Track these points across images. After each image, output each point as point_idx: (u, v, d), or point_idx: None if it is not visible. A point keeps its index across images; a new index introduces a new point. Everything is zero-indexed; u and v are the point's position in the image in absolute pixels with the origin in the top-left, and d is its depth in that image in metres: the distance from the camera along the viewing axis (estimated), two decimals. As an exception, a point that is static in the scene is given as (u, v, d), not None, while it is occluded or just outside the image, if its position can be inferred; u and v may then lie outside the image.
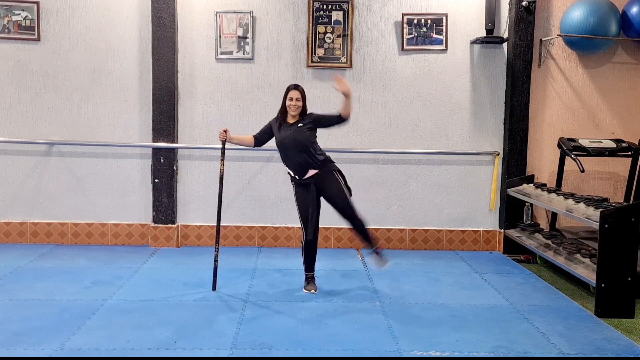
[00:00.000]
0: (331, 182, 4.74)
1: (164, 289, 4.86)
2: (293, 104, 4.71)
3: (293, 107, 4.72)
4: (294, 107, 4.72)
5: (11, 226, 6.24)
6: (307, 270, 4.96)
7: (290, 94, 4.73)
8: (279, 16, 6.21)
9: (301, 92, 4.75)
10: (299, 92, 4.73)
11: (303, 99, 4.75)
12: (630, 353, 3.83)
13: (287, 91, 4.77)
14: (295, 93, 4.72)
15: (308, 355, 3.68)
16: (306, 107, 4.80)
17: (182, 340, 3.85)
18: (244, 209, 6.34)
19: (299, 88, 4.76)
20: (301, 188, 4.78)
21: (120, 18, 6.16)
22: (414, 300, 4.76)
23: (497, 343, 3.92)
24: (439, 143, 6.35)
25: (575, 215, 4.93)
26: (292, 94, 4.72)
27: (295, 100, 4.71)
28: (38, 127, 6.20)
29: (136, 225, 6.30)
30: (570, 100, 6.37)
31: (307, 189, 4.75)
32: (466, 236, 6.42)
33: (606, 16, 5.98)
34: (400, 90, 6.30)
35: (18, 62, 6.15)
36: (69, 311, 4.31)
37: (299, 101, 4.72)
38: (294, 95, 4.72)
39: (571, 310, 4.61)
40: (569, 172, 6.24)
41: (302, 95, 4.75)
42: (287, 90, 4.78)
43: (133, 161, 6.27)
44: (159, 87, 6.11)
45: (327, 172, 4.75)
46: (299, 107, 4.73)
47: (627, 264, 4.43)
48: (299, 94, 4.73)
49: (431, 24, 6.23)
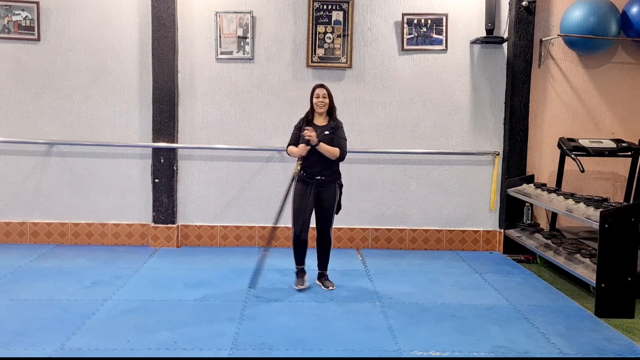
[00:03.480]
0: (330, 193, 4.86)
1: (164, 289, 4.86)
2: (320, 101, 4.83)
3: (320, 104, 4.83)
4: (322, 103, 4.84)
5: (11, 226, 6.24)
6: (296, 263, 5.05)
7: (316, 91, 4.86)
8: (279, 16, 6.21)
9: (327, 90, 4.87)
10: (325, 90, 4.87)
11: (330, 97, 4.87)
12: (630, 353, 3.83)
13: (313, 90, 4.89)
14: (322, 90, 4.85)
15: (308, 355, 3.68)
16: (334, 104, 4.92)
17: (182, 340, 3.85)
18: (244, 209, 6.34)
19: (324, 86, 4.90)
20: (302, 185, 4.84)
21: (120, 18, 6.16)
22: (414, 300, 4.76)
23: (497, 343, 3.92)
24: (439, 143, 6.35)
25: (575, 215, 4.93)
26: (319, 91, 4.85)
27: (322, 97, 4.83)
28: (38, 127, 6.20)
29: (136, 225, 6.30)
30: (570, 100, 6.37)
31: (307, 188, 4.81)
32: (466, 236, 6.42)
33: (606, 16, 5.98)
34: (400, 90, 6.30)
35: (18, 62, 6.15)
36: (69, 311, 4.31)
37: (325, 98, 4.84)
38: (321, 92, 4.84)
39: (571, 310, 4.61)
40: (569, 172, 6.24)
41: (329, 93, 4.87)
42: (313, 90, 4.91)
43: (133, 161, 6.27)
44: (159, 87, 6.11)
45: (331, 183, 4.86)
46: (326, 103, 4.85)
47: (627, 264, 4.43)
48: (325, 91, 4.86)
49: (431, 24, 6.23)
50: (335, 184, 4.88)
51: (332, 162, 4.82)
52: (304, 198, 4.81)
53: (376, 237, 6.38)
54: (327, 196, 4.84)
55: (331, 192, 4.85)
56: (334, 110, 4.92)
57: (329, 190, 4.84)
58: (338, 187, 4.91)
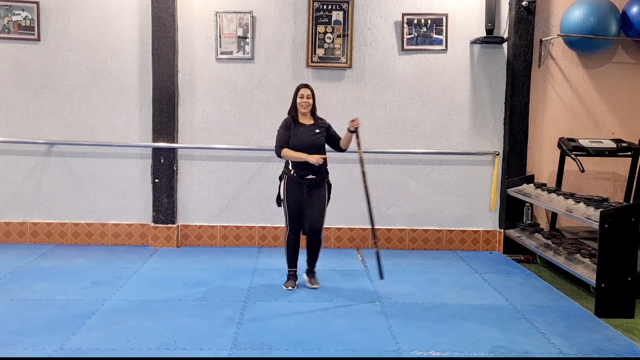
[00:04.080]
0: (320, 191, 4.88)
1: (164, 289, 4.86)
2: (304, 101, 4.85)
3: (304, 104, 4.85)
4: (305, 104, 4.85)
5: (11, 226, 6.24)
6: (289, 265, 5.06)
7: (300, 91, 4.87)
8: (279, 16, 6.21)
9: (311, 90, 4.90)
10: (309, 90, 4.89)
11: (313, 97, 4.90)
12: (630, 353, 3.83)
13: (297, 90, 4.91)
14: (306, 91, 4.87)
15: (308, 355, 3.68)
16: (315, 106, 4.95)
17: (182, 340, 3.85)
18: (244, 209, 6.34)
19: (309, 86, 4.92)
20: (293, 184, 4.87)
21: (120, 18, 6.16)
22: (414, 300, 4.76)
23: (497, 343, 3.92)
24: (439, 143, 6.35)
25: (575, 215, 4.93)
26: (303, 91, 4.87)
27: (306, 97, 4.85)
28: (38, 127, 6.20)
29: (136, 225, 6.30)
30: (570, 100, 6.37)
31: (299, 187, 4.85)
32: (466, 236, 6.42)
33: (606, 16, 5.98)
34: (400, 90, 6.30)
35: (18, 62, 6.15)
36: (69, 311, 4.31)
37: (309, 98, 4.86)
38: (305, 92, 4.86)
39: (571, 310, 4.61)
40: (569, 172, 6.24)
41: (312, 93, 4.90)
42: (297, 89, 4.91)
43: (133, 161, 6.27)
44: (159, 87, 6.11)
45: (322, 182, 4.89)
46: (310, 104, 4.87)
47: (627, 264, 4.43)
48: (309, 91, 4.88)
49: (431, 24, 6.23)
50: (325, 183, 4.92)
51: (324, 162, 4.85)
52: (297, 198, 4.84)
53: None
54: (318, 195, 4.86)
55: (322, 191, 4.89)
56: (315, 110, 4.96)
57: (320, 190, 4.88)
58: (327, 185, 4.95)
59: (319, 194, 4.87)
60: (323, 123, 4.94)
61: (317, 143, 4.83)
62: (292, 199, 4.86)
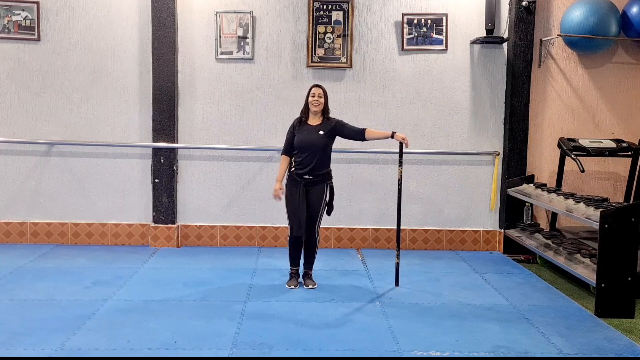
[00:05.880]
0: (318, 191, 4.89)
1: (164, 289, 4.86)
2: (315, 100, 4.90)
3: (315, 102, 4.90)
4: (317, 102, 4.90)
5: (11, 226, 6.24)
6: (291, 264, 5.11)
7: (312, 90, 4.94)
8: (279, 16, 6.21)
9: (323, 90, 4.96)
10: (321, 89, 4.95)
11: (325, 97, 4.94)
12: (630, 353, 3.83)
13: (310, 89, 4.96)
14: (318, 90, 4.94)
15: (308, 355, 3.68)
16: (328, 105, 4.99)
17: (182, 340, 3.85)
18: (244, 209, 6.34)
19: (321, 86, 4.98)
20: (292, 184, 4.91)
21: (120, 18, 6.16)
22: (414, 300, 4.76)
23: (497, 343, 3.92)
24: (439, 143, 6.35)
25: (575, 215, 4.93)
26: (315, 90, 4.93)
27: (318, 96, 4.90)
28: (38, 127, 6.20)
29: (136, 225, 6.30)
30: (570, 100, 6.37)
31: (297, 186, 4.87)
32: (466, 236, 6.42)
33: (606, 16, 5.98)
34: (400, 90, 6.30)
35: (18, 62, 6.15)
36: (69, 311, 4.31)
37: (320, 97, 4.91)
38: (316, 91, 4.92)
39: (571, 310, 4.61)
40: (569, 172, 6.24)
41: (325, 93, 4.95)
42: (310, 89, 4.97)
43: (133, 161, 6.27)
44: (159, 87, 6.11)
45: (320, 183, 4.90)
46: (321, 103, 4.91)
47: (627, 264, 4.43)
48: (321, 90, 4.94)
49: (431, 24, 6.23)
50: (324, 185, 4.92)
51: (322, 163, 4.87)
52: (296, 197, 4.86)
53: (376, 237, 6.38)
54: (315, 195, 4.87)
55: (319, 192, 4.89)
56: (327, 111, 4.98)
57: (317, 190, 4.88)
58: (328, 188, 4.94)
59: (316, 195, 4.87)
60: (330, 123, 4.94)
61: (317, 143, 4.84)
62: (292, 199, 4.89)
